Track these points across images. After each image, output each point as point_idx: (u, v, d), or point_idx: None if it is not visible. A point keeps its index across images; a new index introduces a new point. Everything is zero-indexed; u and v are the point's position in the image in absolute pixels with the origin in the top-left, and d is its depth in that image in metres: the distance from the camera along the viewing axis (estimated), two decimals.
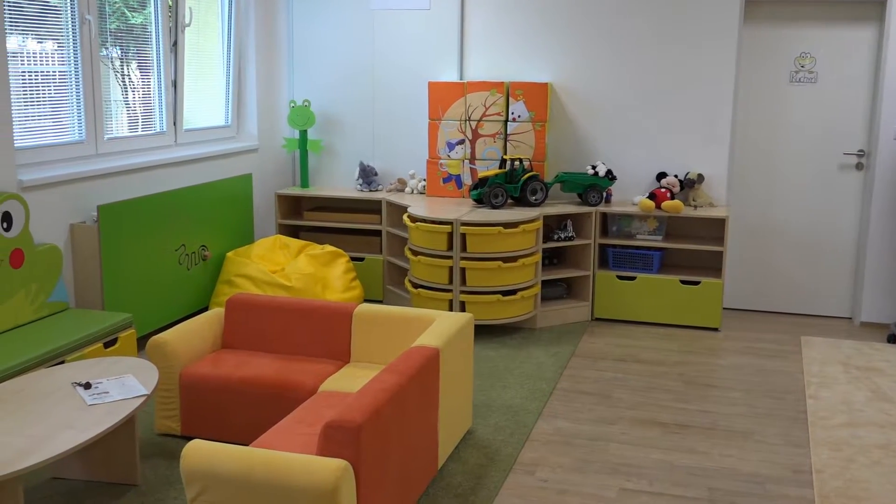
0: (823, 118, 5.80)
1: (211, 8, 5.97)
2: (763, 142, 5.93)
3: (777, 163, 5.93)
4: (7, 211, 4.08)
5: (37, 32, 4.47)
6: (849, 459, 3.75)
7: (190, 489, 2.70)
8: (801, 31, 5.74)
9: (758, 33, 5.81)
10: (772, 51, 5.81)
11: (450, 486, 3.45)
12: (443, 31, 6.19)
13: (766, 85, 5.85)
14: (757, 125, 5.92)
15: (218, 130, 6.12)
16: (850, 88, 5.72)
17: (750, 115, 5.92)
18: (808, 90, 5.80)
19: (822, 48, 5.72)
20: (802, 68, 5.78)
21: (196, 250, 5.41)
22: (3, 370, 3.58)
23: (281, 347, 4.08)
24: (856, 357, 5.11)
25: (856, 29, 5.64)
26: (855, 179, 5.83)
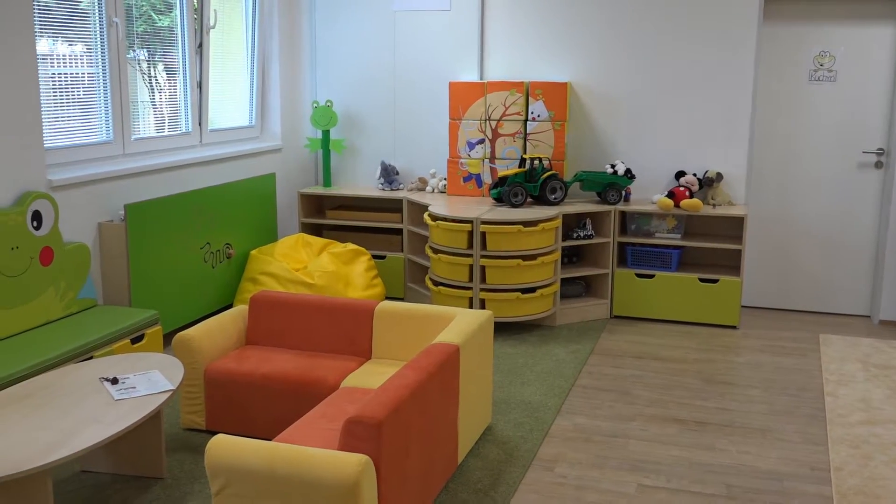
0: (842, 117, 5.74)
1: (235, 10, 6.00)
2: (782, 140, 5.88)
3: (796, 161, 5.88)
4: (37, 210, 4.12)
5: (66, 35, 4.51)
6: (867, 457, 3.71)
7: (214, 483, 2.72)
8: (820, 30, 5.69)
9: (777, 32, 5.76)
10: (791, 50, 5.76)
11: (469, 482, 3.45)
12: (463, 31, 6.19)
13: (786, 84, 5.80)
14: (776, 124, 5.87)
15: (242, 131, 6.15)
16: (870, 87, 5.66)
17: (769, 113, 5.87)
18: (828, 89, 5.74)
19: (841, 47, 5.66)
20: (822, 67, 5.72)
21: (221, 248, 5.44)
22: (32, 366, 3.62)
23: (303, 344, 4.10)
24: (874, 355, 5.06)
25: (875, 27, 5.58)
26: (874, 178, 5.77)
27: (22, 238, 4.03)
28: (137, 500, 3.27)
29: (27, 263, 4.07)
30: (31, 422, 2.92)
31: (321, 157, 6.64)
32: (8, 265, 3.96)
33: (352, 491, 2.56)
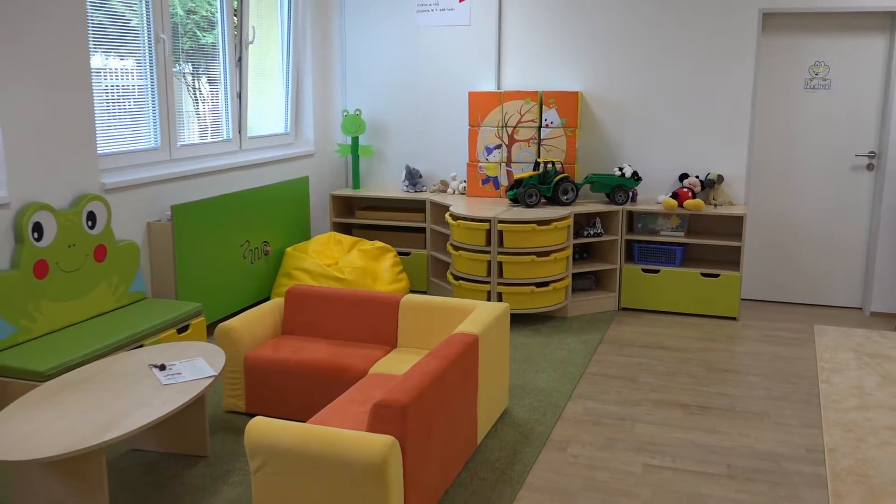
0: (836, 122, 5.67)
1: (272, 26, 6.01)
2: (779, 144, 5.82)
3: (792, 164, 5.81)
4: (92, 210, 4.15)
5: (118, 51, 4.54)
6: (860, 440, 3.67)
7: (253, 461, 2.73)
8: (815, 41, 5.62)
9: (775, 43, 5.70)
10: (788, 60, 5.69)
11: (488, 461, 3.45)
12: (481, 45, 6.17)
13: (783, 91, 5.74)
14: (773, 129, 5.81)
15: (278, 137, 6.17)
16: (862, 94, 5.58)
17: (767, 119, 5.81)
18: (822, 96, 5.67)
19: (835, 57, 5.59)
20: (817, 76, 5.65)
21: (259, 246, 5.46)
22: (87, 353, 3.65)
23: (335, 334, 4.11)
24: (866, 345, 5.00)
25: (868, 38, 5.51)
26: (866, 179, 5.69)
27: (78, 236, 4.07)
28: (183, 476, 3.29)
29: (83, 260, 4.10)
30: (86, 404, 2.95)
31: (351, 161, 6.65)
32: (66, 261, 4.00)
33: (379, 469, 2.57)
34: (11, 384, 3.48)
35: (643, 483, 3.29)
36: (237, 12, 5.52)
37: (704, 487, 3.25)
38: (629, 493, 3.21)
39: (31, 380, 3.45)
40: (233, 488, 3.18)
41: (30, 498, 2.83)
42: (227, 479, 3.26)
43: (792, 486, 3.27)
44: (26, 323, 3.78)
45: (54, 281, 3.93)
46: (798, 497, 3.18)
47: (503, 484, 3.25)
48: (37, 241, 3.84)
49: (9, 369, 3.48)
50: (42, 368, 3.45)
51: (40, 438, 2.67)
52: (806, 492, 3.22)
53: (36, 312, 3.83)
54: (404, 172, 6.38)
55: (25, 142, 3.83)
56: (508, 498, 3.14)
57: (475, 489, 3.21)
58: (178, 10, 4.97)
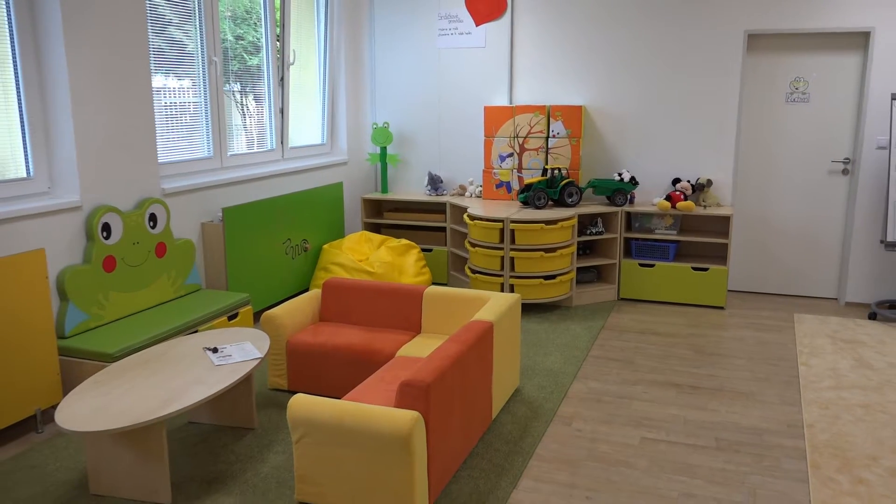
0: (814, 131, 5.60)
1: (310, 50, 6.03)
2: (762, 151, 5.75)
3: (774, 169, 5.75)
4: (153, 212, 4.19)
5: (175, 72, 4.57)
6: (835, 416, 3.63)
7: (295, 433, 2.74)
8: (795, 59, 5.55)
9: (758, 61, 5.64)
10: (770, 76, 5.62)
11: (501, 434, 3.44)
12: (496, 64, 6.15)
13: (765, 104, 5.68)
14: (757, 138, 5.75)
15: (316, 148, 6.19)
16: (838, 106, 5.51)
17: (752, 129, 5.75)
18: (802, 108, 5.60)
19: (814, 73, 5.52)
20: (797, 90, 5.58)
21: (299, 243, 5.49)
22: (150, 337, 3.69)
23: (366, 321, 4.12)
24: (841, 331, 4.94)
25: (844, 56, 5.43)
26: (841, 183, 5.62)
27: (141, 235, 4.10)
28: (234, 446, 3.31)
29: (146, 256, 4.14)
30: (149, 382, 2.97)
31: (379, 168, 6.66)
32: (131, 257, 4.03)
33: (405, 441, 2.57)
34: (84, 364, 3.52)
35: (640, 454, 3.27)
36: (280, 38, 5.54)
37: (695, 458, 3.23)
38: (627, 462, 3.19)
39: (101, 361, 3.49)
40: (277, 456, 3.20)
41: (101, 463, 2.87)
42: (272, 448, 3.28)
43: (774, 458, 3.23)
44: (96, 311, 3.82)
45: (121, 274, 3.97)
46: (780, 468, 3.15)
47: (515, 454, 3.25)
48: (106, 239, 3.88)
49: (81, 351, 3.53)
50: (110, 351, 3.48)
51: (110, 412, 2.70)
52: (787, 462, 3.19)
53: (105, 301, 3.87)
54: (427, 178, 6.38)
55: (96, 152, 3.86)
56: (520, 467, 3.14)
57: (490, 458, 3.20)
58: (229, 36, 5.00)
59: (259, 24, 5.32)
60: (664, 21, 5.69)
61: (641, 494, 2.94)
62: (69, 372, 3.55)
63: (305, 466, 2.75)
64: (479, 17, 6.11)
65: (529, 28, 6.03)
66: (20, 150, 3.66)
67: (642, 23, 5.74)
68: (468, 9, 6.11)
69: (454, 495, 2.90)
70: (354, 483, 2.69)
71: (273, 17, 5.42)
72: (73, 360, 3.54)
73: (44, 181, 3.75)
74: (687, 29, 5.64)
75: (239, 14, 5.10)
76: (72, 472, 3.07)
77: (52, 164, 3.78)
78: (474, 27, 6.15)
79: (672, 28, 5.67)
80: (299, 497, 2.80)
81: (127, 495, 2.86)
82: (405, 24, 6.34)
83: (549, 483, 3.02)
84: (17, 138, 3.64)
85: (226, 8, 4.93)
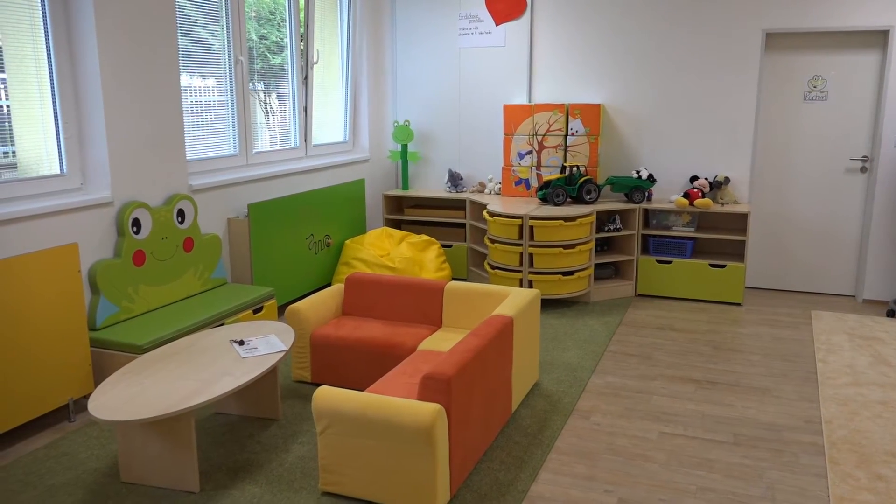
0: (832, 130, 5.53)
1: (333, 49, 6.04)
2: (780, 149, 5.69)
3: (792, 167, 5.68)
4: (181, 208, 4.22)
5: (201, 71, 4.60)
6: (853, 413, 3.58)
7: (319, 424, 2.75)
8: (814, 58, 5.48)
9: (777, 59, 5.57)
10: (788, 74, 5.56)
11: (521, 427, 3.44)
12: (515, 63, 6.13)
13: (783, 102, 5.61)
14: (775, 136, 5.68)
15: (338, 145, 6.21)
16: (857, 104, 5.43)
17: (769, 127, 5.68)
18: (820, 107, 5.53)
19: (832, 71, 5.44)
20: (815, 88, 5.51)
21: (321, 239, 5.51)
22: (178, 330, 3.72)
23: (388, 315, 4.12)
24: (859, 328, 4.88)
25: (862, 55, 5.35)
26: (859, 181, 5.54)
27: (170, 230, 4.14)
28: (259, 436, 3.33)
29: (174, 250, 4.17)
30: (178, 374, 2.99)
31: (400, 165, 6.66)
32: (160, 251, 4.07)
33: (428, 433, 2.57)
34: (115, 356, 3.56)
35: (658, 448, 3.25)
36: (304, 37, 5.56)
37: (713, 453, 3.21)
38: (645, 456, 3.18)
39: (131, 352, 3.53)
40: (301, 447, 3.22)
41: (131, 452, 2.90)
42: (296, 438, 3.30)
43: (792, 454, 3.20)
44: (127, 304, 3.86)
45: (150, 268, 4.01)
46: (798, 463, 3.12)
47: (534, 447, 3.24)
48: (136, 234, 3.92)
49: (112, 343, 3.56)
50: (140, 342, 3.52)
51: (140, 402, 2.72)
52: (805, 458, 3.16)
53: (135, 295, 3.91)
54: (447, 175, 6.37)
55: (126, 150, 3.90)
56: (539, 459, 3.13)
57: (510, 451, 3.20)
58: (253, 36, 5.02)
59: (282, 24, 5.34)
60: (683, 20, 5.63)
61: (660, 488, 2.92)
62: (100, 363, 3.60)
63: (329, 457, 2.77)
64: (499, 17, 6.09)
65: (549, 27, 6.00)
66: (54, 148, 3.70)
67: (661, 22, 5.69)
68: (488, 9, 6.10)
69: (475, 487, 2.90)
70: (377, 474, 2.70)
71: (297, 17, 5.43)
72: (104, 351, 3.58)
73: (77, 178, 3.79)
74: (705, 28, 5.58)
75: (263, 14, 5.11)
76: (103, 460, 3.11)
77: (84, 161, 3.81)
78: (494, 27, 6.13)
79: (691, 27, 5.62)
80: (323, 487, 2.82)
81: (156, 483, 2.88)
82: (426, 24, 6.34)
83: (568, 476, 3.01)
84: (51, 136, 3.68)
85: (251, 8, 4.95)
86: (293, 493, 2.84)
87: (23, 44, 3.50)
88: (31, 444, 3.27)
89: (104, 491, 2.87)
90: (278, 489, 2.87)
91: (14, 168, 3.54)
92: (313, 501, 2.78)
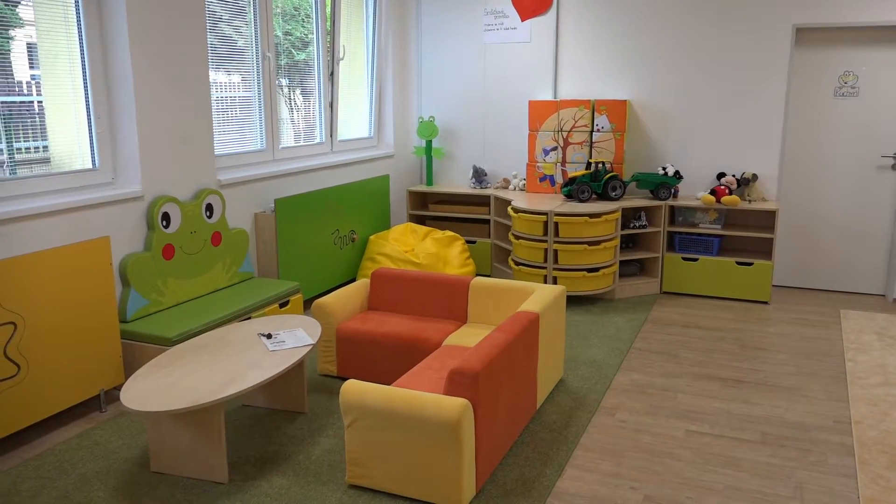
0: (863, 126, 5.44)
1: (359, 45, 6.06)
2: (810, 146, 5.61)
3: (822, 164, 5.61)
4: (210, 203, 4.26)
5: (226, 67, 4.64)
6: (884, 413, 3.53)
7: (347, 417, 2.77)
8: (845, 53, 5.40)
9: (807, 55, 5.50)
10: (818, 70, 5.48)
11: (546, 423, 3.44)
12: (540, 59, 6.11)
13: (813, 98, 5.53)
14: (804, 132, 5.61)
15: (363, 141, 6.23)
16: (888, 100, 5.34)
17: (798, 123, 5.61)
18: (851, 103, 5.45)
19: (863, 67, 5.36)
20: (846, 84, 5.43)
21: (347, 234, 5.53)
22: (207, 323, 3.76)
23: (413, 310, 4.14)
24: (889, 328, 4.81)
25: (893, 50, 5.26)
26: (891, 178, 5.45)
27: (199, 225, 4.18)
28: (286, 428, 3.36)
29: (202, 244, 4.22)
30: (207, 366, 3.03)
31: (425, 161, 6.68)
32: (188, 245, 4.12)
33: (455, 427, 2.59)
34: (144, 348, 3.62)
35: (684, 446, 3.23)
36: (330, 33, 5.58)
37: (740, 451, 3.18)
38: (671, 454, 3.16)
39: (160, 344, 3.58)
40: (327, 440, 3.25)
41: (161, 442, 2.94)
42: (322, 431, 3.32)
43: (820, 453, 3.17)
44: (156, 297, 3.91)
45: (179, 262, 4.06)
46: (826, 463, 3.09)
47: (560, 443, 3.24)
48: (165, 228, 3.97)
49: (142, 335, 3.62)
50: (169, 335, 3.57)
51: (170, 394, 2.76)
52: (834, 458, 3.12)
53: (164, 288, 3.96)
54: (471, 171, 6.38)
55: (157, 145, 3.95)
56: (565, 455, 3.13)
57: (535, 447, 3.20)
58: (278, 32, 5.05)
59: (307, 20, 5.36)
60: (711, 15, 5.58)
61: (686, 486, 2.91)
62: (130, 354, 3.65)
63: (356, 450, 2.79)
64: (525, 13, 6.08)
65: (574, 22, 5.97)
66: (87, 143, 3.76)
67: (688, 17, 5.64)
68: (514, 4, 6.08)
69: (500, 482, 2.91)
70: (404, 467, 2.71)
71: (323, 13, 5.46)
72: (135, 343, 3.63)
73: (108, 172, 3.85)
74: (734, 23, 5.52)
75: (288, 11, 5.14)
76: (133, 450, 3.16)
77: (115, 155, 3.87)
78: (520, 22, 6.11)
79: (719, 22, 5.56)
80: (350, 479, 2.84)
81: (185, 473, 2.93)
82: (451, 20, 6.33)
83: (593, 472, 3.00)
84: (84, 131, 3.74)
85: (277, 5, 4.98)
86: (320, 486, 2.86)
87: (56, 40, 3.56)
88: (64, 433, 3.34)
89: (135, 480, 2.91)
90: (305, 481, 2.90)
91: (47, 162, 3.60)
92: (340, 494, 2.81)
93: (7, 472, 2.99)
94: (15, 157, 3.43)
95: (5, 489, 2.86)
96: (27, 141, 3.48)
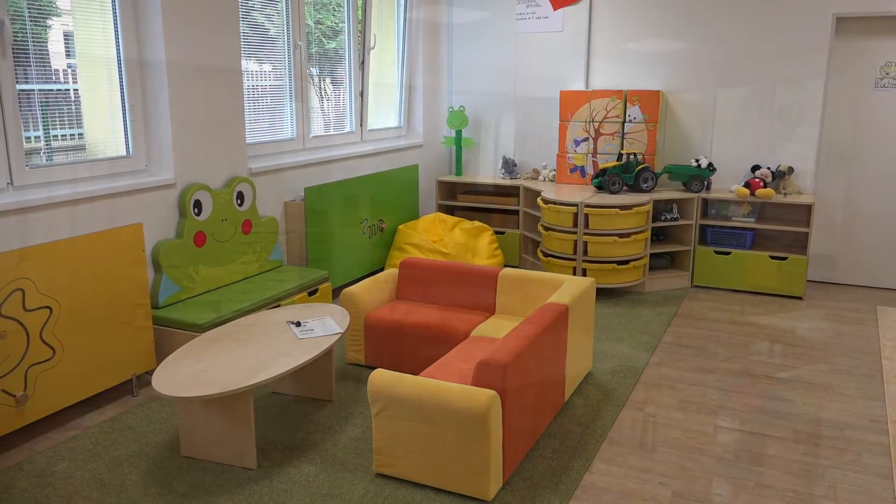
0: None
1: (390, 34, 6.05)
2: (848, 139, 5.48)
3: (860, 157, 5.47)
4: (240, 191, 4.29)
5: (258, 56, 4.66)
6: None
7: (374, 406, 2.78)
8: (886, 43, 5.25)
9: (847, 45, 5.36)
10: (859, 60, 5.34)
11: (574, 416, 3.42)
12: (572, 48, 6.04)
13: (853, 90, 5.40)
14: (843, 125, 5.48)
15: (393, 130, 6.23)
16: None
17: (837, 116, 5.48)
18: (892, 94, 5.30)
19: None
20: (887, 75, 5.29)
21: (375, 223, 5.54)
22: (237, 310, 3.80)
23: (441, 300, 4.13)
24: None
25: None
26: None
27: (230, 212, 4.22)
28: (314, 416, 3.39)
29: (233, 232, 4.25)
30: (237, 353, 3.06)
31: (454, 151, 6.65)
32: (219, 233, 4.16)
33: (483, 418, 2.58)
34: (176, 334, 3.66)
35: (714, 442, 3.19)
36: (362, 22, 5.57)
37: (772, 449, 3.13)
38: (701, 449, 3.12)
39: (192, 331, 3.62)
40: (354, 428, 3.26)
41: (192, 427, 2.98)
42: (349, 420, 3.34)
43: (855, 453, 3.11)
44: (188, 283, 3.96)
45: (210, 249, 4.09)
46: (861, 462, 3.03)
47: (588, 436, 3.22)
48: (197, 216, 4.00)
49: (174, 321, 3.66)
50: (200, 322, 3.61)
51: (200, 380, 2.79)
52: (869, 458, 3.06)
53: (195, 275, 4.01)
54: (501, 161, 6.34)
55: (189, 133, 3.98)
56: (592, 449, 3.11)
57: (563, 440, 3.18)
58: (309, 21, 5.06)
59: (338, 9, 5.36)
60: (748, 4, 5.46)
61: (716, 482, 2.87)
62: (161, 340, 3.70)
63: (384, 439, 2.80)
64: (557, 2, 6.01)
65: (607, 12, 5.89)
66: (121, 130, 3.80)
67: (723, 6, 5.53)
68: None
69: (527, 474, 2.90)
70: (431, 458, 2.72)
71: (355, 3, 5.45)
72: (165, 329, 3.68)
73: (141, 159, 3.90)
74: (772, 11, 5.40)
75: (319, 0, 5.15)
76: (164, 435, 3.20)
77: (149, 143, 3.91)
78: (552, 11, 6.05)
79: (756, 11, 5.44)
80: (377, 468, 2.85)
81: (215, 458, 2.96)
82: (483, 9, 6.29)
83: (621, 466, 2.98)
84: (118, 119, 3.79)
85: None
86: (347, 473, 2.88)
87: (92, 29, 3.60)
88: (97, 416, 3.40)
89: (166, 464, 2.96)
90: (333, 469, 2.92)
91: (83, 150, 3.65)
92: (367, 482, 2.82)
93: (42, 452, 3.05)
94: (52, 144, 3.49)
95: (40, 470, 2.92)
96: (63, 128, 3.53)
